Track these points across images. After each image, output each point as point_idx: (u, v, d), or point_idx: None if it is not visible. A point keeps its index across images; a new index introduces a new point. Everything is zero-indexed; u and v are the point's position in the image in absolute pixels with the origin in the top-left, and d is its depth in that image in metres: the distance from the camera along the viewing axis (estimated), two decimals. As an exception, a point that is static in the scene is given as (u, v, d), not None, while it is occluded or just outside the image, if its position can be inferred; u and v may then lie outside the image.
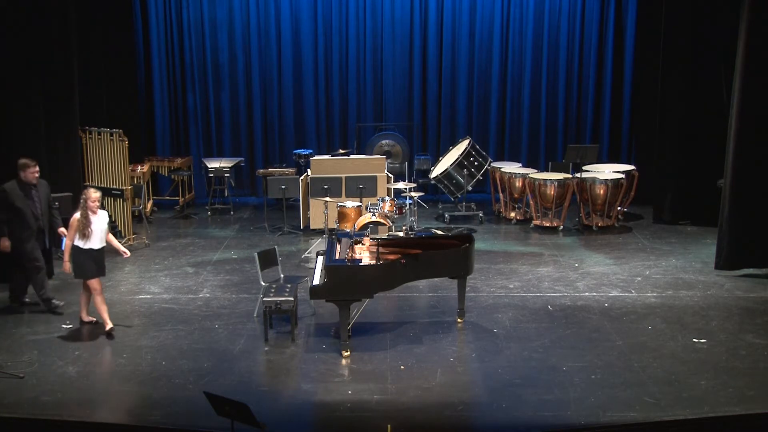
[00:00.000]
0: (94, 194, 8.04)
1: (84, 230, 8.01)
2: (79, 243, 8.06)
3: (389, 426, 6.43)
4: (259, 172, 13.87)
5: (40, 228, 8.79)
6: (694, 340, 8.01)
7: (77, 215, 8.03)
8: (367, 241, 8.33)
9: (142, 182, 12.51)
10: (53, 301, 8.87)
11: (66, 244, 8.17)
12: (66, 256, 8.18)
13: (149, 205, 13.19)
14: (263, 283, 8.31)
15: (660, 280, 9.81)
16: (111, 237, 8.50)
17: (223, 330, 8.35)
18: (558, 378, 7.19)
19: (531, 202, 12.38)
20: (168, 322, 8.60)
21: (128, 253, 8.77)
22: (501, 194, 12.99)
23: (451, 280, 8.56)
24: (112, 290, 9.63)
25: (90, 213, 8.04)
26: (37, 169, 8.71)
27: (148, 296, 9.44)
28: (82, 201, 8.04)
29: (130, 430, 6.46)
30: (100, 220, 8.12)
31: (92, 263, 8.12)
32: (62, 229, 8.88)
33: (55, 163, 10.66)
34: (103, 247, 8.23)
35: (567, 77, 14.32)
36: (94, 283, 8.16)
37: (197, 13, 14.17)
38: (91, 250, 8.08)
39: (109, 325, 8.15)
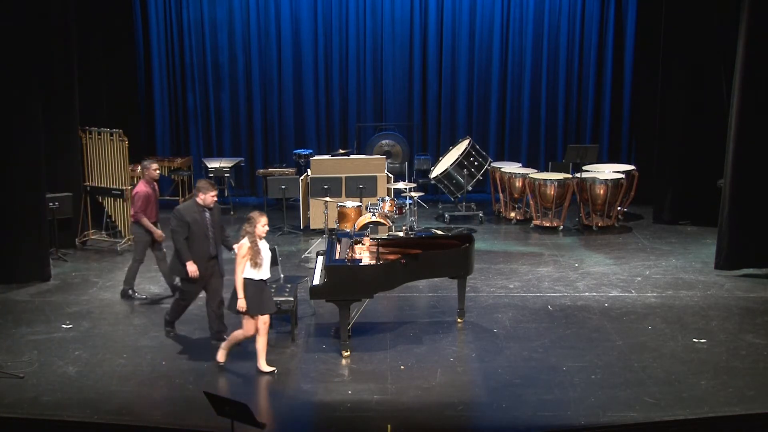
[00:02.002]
0: (263, 219, 7.23)
1: (256, 259, 7.18)
2: (252, 274, 7.19)
3: (389, 426, 6.43)
4: (259, 172, 13.86)
5: (211, 255, 7.89)
6: (694, 340, 8.02)
7: (245, 243, 7.17)
8: (367, 241, 8.33)
9: (142, 182, 12.50)
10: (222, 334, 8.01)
11: (237, 277, 7.19)
12: (241, 292, 7.16)
13: (149, 205, 13.16)
14: (263, 283, 8.30)
15: (660, 280, 9.81)
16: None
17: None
18: (558, 378, 7.19)
19: (531, 202, 12.37)
20: (168, 322, 8.59)
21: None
22: (501, 194, 12.98)
23: (451, 280, 8.56)
24: (112, 290, 9.63)
25: (257, 239, 7.24)
26: (216, 192, 7.93)
27: (148, 296, 9.43)
28: (248, 227, 7.18)
29: (130, 430, 6.46)
30: (265, 247, 7.32)
31: (266, 295, 7.35)
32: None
33: (55, 163, 10.67)
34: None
35: (567, 77, 14.32)
36: (267, 318, 7.36)
37: (197, 13, 14.16)
38: (262, 281, 7.28)
39: (268, 369, 7.33)
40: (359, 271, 7.59)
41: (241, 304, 7.15)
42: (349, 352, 7.64)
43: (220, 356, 7.45)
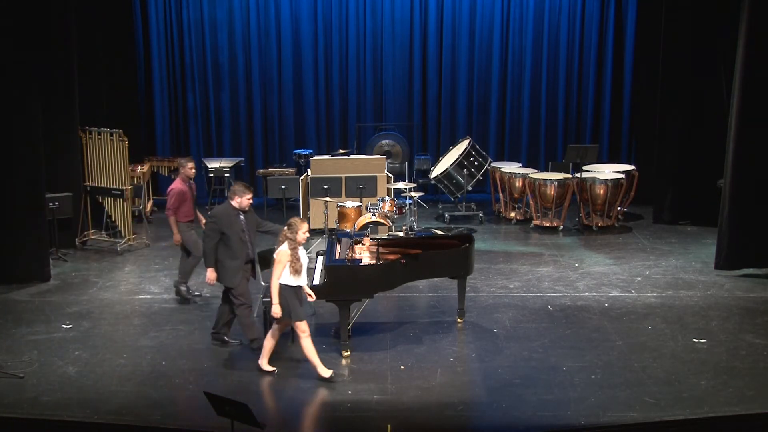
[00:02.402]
0: (305, 226, 7.13)
1: (295, 265, 7.07)
2: (290, 280, 7.10)
3: (389, 426, 6.43)
4: (259, 172, 13.86)
5: (249, 258, 7.83)
6: (694, 340, 8.01)
7: (284, 249, 7.08)
8: (367, 241, 8.33)
9: (142, 182, 12.51)
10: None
11: (273, 283, 7.10)
12: (276, 298, 7.07)
13: (149, 205, 13.18)
14: (263, 283, 8.30)
15: (660, 280, 9.81)
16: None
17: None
18: (558, 378, 7.19)
19: (531, 202, 12.37)
20: (168, 322, 8.60)
21: None
22: (501, 194, 12.98)
23: (451, 280, 8.56)
24: (112, 290, 9.63)
25: (297, 245, 7.13)
26: (252, 195, 7.82)
27: (148, 296, 9.44)
28: (289, 234, 7.08)
29: (130, 430, 6.46)
30: (303, 253, 7.23)
31: (301, 302, 7.24)
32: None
33: (55, 163, 10.67)
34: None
35: (567, 77, 14.32)
36: (304, 325, 7.18)
37: (197, 13, 14.16)
38: (299, 287, 7.20)
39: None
40: (359, 271, 7.59)
41: (276, 310, 7.05)
42: (349, 352, 7.64)
43: (326, 372, 7.18)
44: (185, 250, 9.25)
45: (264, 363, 7.32)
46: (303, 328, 7.13)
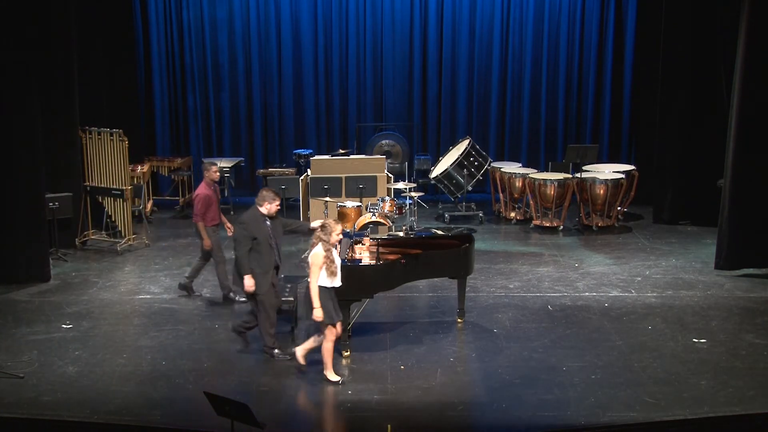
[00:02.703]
0: (339, 227, 7.10)
1: (331, 267, 7.00)
2: (326, 282, 7.02)
3: (389, 426, 6.43)
4: (259, 172, 13.86)
5: (276, 264, 7.75)
6: (694, 340, 8.01)
7: (319, 251, 7.00)
8: (367, 241, 8.33)
9: (142, 182, 12.51)
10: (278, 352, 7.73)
11: (312, 286, 7.02)
12: (317, 301, 6.98)
13: (149, 205, 13.18)
14: (263, 283, 8.30)
15: (660, 280, 9.81)
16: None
17: (223, 330, 8.35)
18: (558, 378, 7.19)
19: (531, 202, 12.37)
20: (168, 322, 8.60)
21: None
22: (501, 194, 12.98)
23: (451, 280, 8.56)
24: (112, 290, 9.64)
25: (332, 247, 7.09)
26: (279, 201, 7.87)
27: (148, 296, 9.44)
28: (323, 235, 7.02)
29: (130, 430, 6.47)
30: (336, 255, 7.18)
31: (336, 303, 7.16)
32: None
33: (55, 163, 10.67)
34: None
35: (567, 77, 14.31)
36: (338, 327, 7.16)
37: (197, 13, 14.16)
38: (333, 288, 7.12)
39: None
40: (359, 271, 7.59)
41: (318, 313, 6.96)
42: (349, 352, 7.64)
43: (333, 377, 7.16)
44: (204, 253, 9.21)
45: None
46: (339, 331, 7.11)
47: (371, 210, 10.65)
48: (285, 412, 6.80)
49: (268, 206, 7.64)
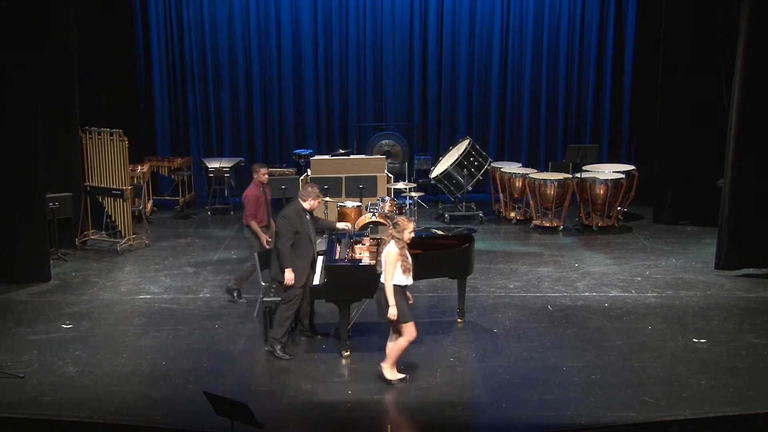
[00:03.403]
0: (411, 225, 7.01)
1: (406, 264, 6.93)
2: (401, 280, 6.95)
3: (389, 426, 6.43)
4: (259, 172, 13.85)
5: (313, 259, 7.88)
6: (694, 340, 8.01)
7: (392, 249, 6.93)
8: (367, 241, 8.33)
9: (142, 182, 12.50)
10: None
11: (387, 285, 6.91)
12: (392, 299, 6.88)
13: (149, 205, 13.18)
14: (263, 283, 8.30)
15: (660, 280, 9.81)
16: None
17: (223, 330, 8.35)
18: (558, 378, 7.19)
19: (531, 202, 12.37)
20: (168, 322, 8.60)
21: None
22: (501, 194, 12.98)
23: (451, 280, 8.56)
24: (112, 290, 9.64)
25: (406, 245, 7.00)
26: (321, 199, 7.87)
27: (148, 296, 9.44)
28: (396, 233, 6.95)
29: (130, 430, 6.47)
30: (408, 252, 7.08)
31: (407, 302, 7.10)
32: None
33: (55, 163, 10.67)
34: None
35: (567, 77, 14.31)
36: (412, 327, 7.03)
37: (197, 13, 14.16)
38: (407, 286, 7.07)
39: (395, 377, 7.09)
40: (359, 271, 7.58)
41: (393, 311, 6.87)
42: (349, 352, 7.64)
43: (393, 375, 7.09)
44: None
45: (392, 372, 7.10)
46: (411, 331, 7.00)
47: (371, 210, 10.65)
48: (285, 412, 6.79)
49: (312, 202, 7.73)
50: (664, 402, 6.74)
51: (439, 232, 9.16)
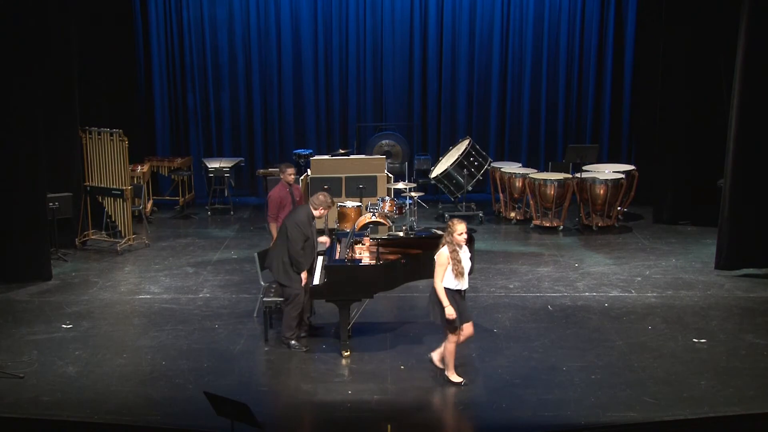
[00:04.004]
0: (461, 226, 6.93)
1: (458, 268, 6.88)
2: (452, 283, 6.90)
3: (389, 426, 6.43)
4: (259, 172, 13.86)
5: (314, 261, 8.07)
6: (694, 340, 8.02)
7: (444, 252, 6.89)
8: (367, 241, 8.33)
9: (142, 182, 12.50)
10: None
11: (437, 287, 6.89)
12: (446, 300, 6.85)
13: (149, 205, 13.18)
14: (263, 283, 8.31)
15: (660, 280, 9.81)
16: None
17: (223, 330, 8.35)
18: (558, 378, 7.19)
19: (531, 202, 12.37)
20: (168, 322, 8.60)
21: None
22: (501, 194, 12.98)
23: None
24: (112, 290, 9.64)
25: (458, 247, 6.96)
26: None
27: (148, 296, 9.44)
28: (446, 236, 6.94)
29: (130, 430, 6.47)
30: (465, 255, 7.02)
31: (463, 305, 7.08)
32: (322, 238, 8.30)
33: (55, 163, 10.67)
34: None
35: (567, 77, 14.31)
36: (470, 327, 7.09)
37: (197, 13, 14.15)
38: (459, 290, 7.01)
39: (458, 379, 7.09)
40: (359, 271, 7.59)
41: (450, 311, 6.81)
42: (349, 352, 7.64)
43: (457, 378, 7.09)
44: None
45: (452, 375, 7.10)
46: (457, 333, 6.97)
47: (371, 210, 10.65)
48: (285, 412, 6.79)
49: (323, 211, 7.94)
50: (664, 402, 6.74)
51: (439, 232, 9.12)
